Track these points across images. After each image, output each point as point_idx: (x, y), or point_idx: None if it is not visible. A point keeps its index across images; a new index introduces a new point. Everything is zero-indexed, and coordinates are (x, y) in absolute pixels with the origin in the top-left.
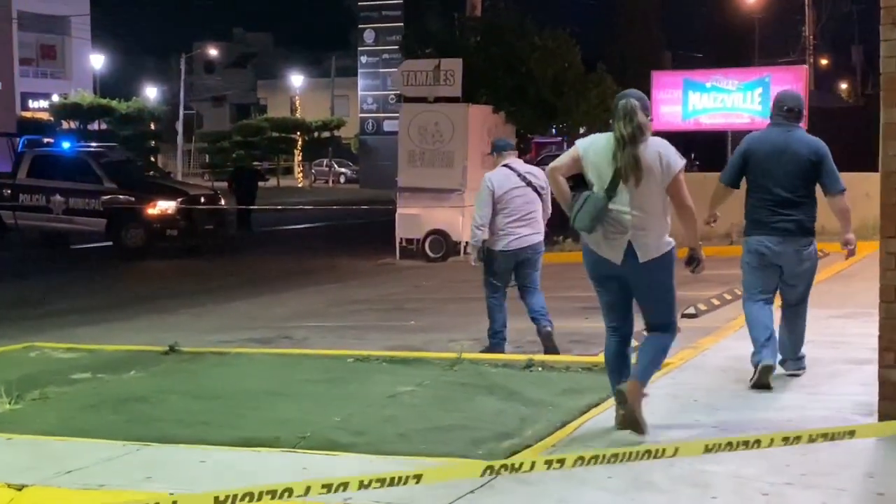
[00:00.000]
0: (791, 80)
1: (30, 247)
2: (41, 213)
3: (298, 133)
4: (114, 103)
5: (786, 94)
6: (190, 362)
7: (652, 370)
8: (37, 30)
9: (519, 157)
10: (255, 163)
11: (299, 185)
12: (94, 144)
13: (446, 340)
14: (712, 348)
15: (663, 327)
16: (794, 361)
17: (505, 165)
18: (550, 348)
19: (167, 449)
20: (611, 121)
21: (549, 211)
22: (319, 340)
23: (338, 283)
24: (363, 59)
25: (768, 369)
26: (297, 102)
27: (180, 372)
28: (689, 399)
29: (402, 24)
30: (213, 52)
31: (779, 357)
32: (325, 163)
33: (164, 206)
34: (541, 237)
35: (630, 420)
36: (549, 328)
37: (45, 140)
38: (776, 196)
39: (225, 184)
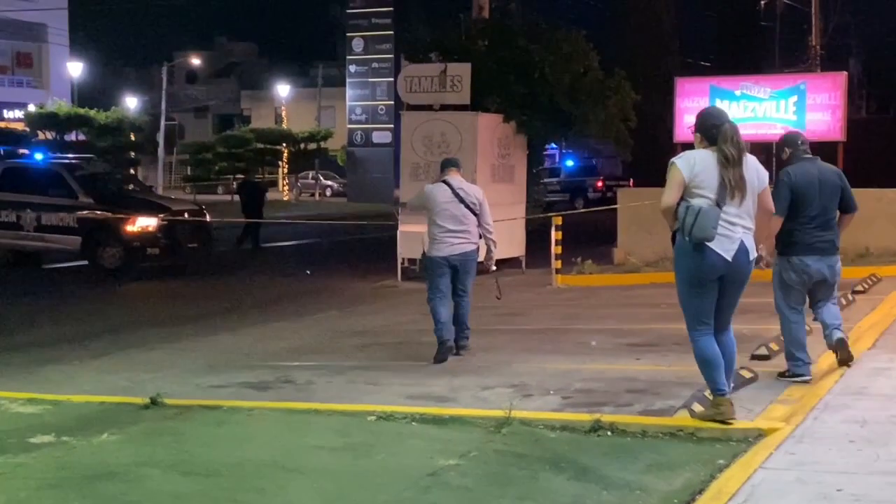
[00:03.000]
0: (828, 88)
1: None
2: (10, 231)
3: (284, 145)
4: (92, 113)
5: (795, 134)
6: (175, 420)
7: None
8: (13, 37)
9: (530, 169)
10: (241, 175)
11: (284, 199)
12: (71, 155)
13: (478, 387)
14: (819, 407)
15: (729, 325)
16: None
17: (443, 181)
18: (456, 353)
19: None
20: (698, 140)
21: (489, 226)
22: (326, 386)
23: (336, 309)
24: (351, 68)
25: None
26: (283, 113)
27: (164, 434)
28: (829, 488)
29: (391, 32)
30: (195, 61)
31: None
32: (310, 175)
33: (144, 223)
34: (472, 247)
35: None
36: (464, 345)
37: (21, 151)
38: (816, 220)
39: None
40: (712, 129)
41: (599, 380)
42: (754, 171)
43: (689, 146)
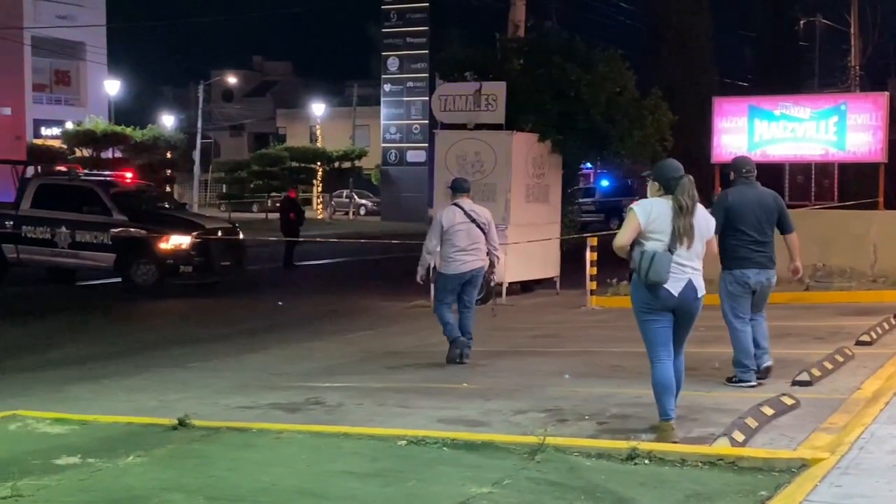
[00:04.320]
0: (870, 108)
1: (34, 284)
2: (45, 247)
3: (318, 163)
4: (128, 131)
5: (743, 160)
6: (202, 442)
7: None
8: (51, 55)
9: (565, 189)
10: (275, 193)
11: (318, 217)
12: (107, 173)
13: (511, 412)
14: (865, 437)
15: (680, 352)
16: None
17: (455, 204)
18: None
19: None
20: (655, 189)
21: (496, 244)
22: (356, 408)
23: (369, 329)
24: (386, 87)
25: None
26: (318, 132)
27: (190, 457)
28: None
29: (427, 51)
30: (231, 79)
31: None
32: (345, 194)
33: (177, 241)
34: (482, 263)
35: None
36: (467, 353)
37: (58, 168)
38: (753, 237)
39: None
40: (671, 180)
41: (636, 405)
42: (703, 220)
43: (727, 167)
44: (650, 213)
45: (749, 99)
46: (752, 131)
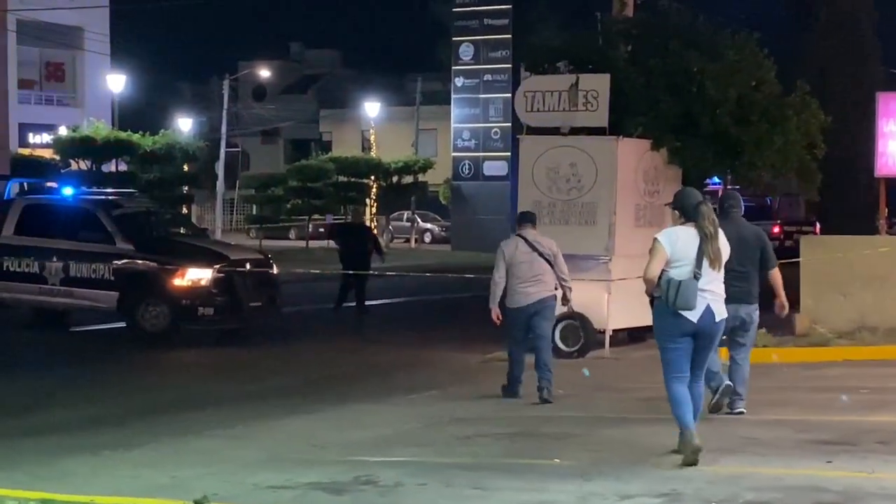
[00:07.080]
0: None
1: (17, 329)
2: (31, 283)
3: (372, 178)
4: (136, 138)
5: (726, 196)
6: None
7: None
8: (41, 43)
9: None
10: (317, 216)
11: None
12: (109, 190)
13: (616, 496)
14: None
15: (700, 377)
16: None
17: (518, 235)
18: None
19: None
20: (676, 217)
21: (565, 275)
22: (418, 490)
23: (435, 388)
24: (458, 81)
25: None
26: (372, 138)
27: None
28: None
29: (509, 36)
30: (264, 73)
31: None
32: (405, 216)
33: (195, 276)
34: (548, 294)
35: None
36: (546, 388)
37: (48, 184)
38: (732, 272)
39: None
40: (692, 208)
41: (777, 488)
42: (725, 246)
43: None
44: (675, 242)
45: None
46: None
